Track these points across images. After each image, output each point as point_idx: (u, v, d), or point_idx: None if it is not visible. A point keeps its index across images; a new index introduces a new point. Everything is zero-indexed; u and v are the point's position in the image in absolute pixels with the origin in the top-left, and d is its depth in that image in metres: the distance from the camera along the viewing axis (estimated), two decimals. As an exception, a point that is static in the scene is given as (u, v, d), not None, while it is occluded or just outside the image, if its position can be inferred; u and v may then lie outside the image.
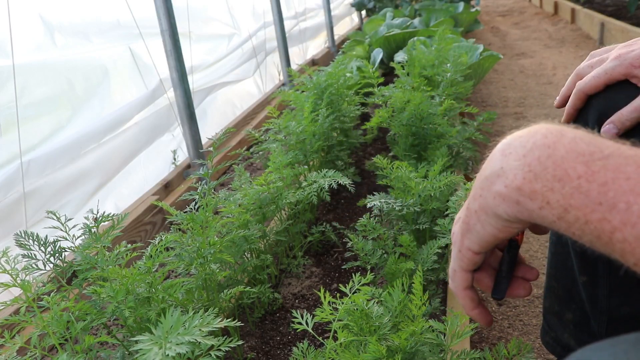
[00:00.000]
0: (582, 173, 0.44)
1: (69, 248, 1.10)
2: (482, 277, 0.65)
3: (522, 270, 0.66)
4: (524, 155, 0.49)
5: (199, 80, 2.68)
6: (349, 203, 2.16)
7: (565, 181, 0.45)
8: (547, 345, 0.96)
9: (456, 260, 0.61)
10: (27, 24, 1.73)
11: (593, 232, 0.43)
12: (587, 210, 0.43)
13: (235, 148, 2.61)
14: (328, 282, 1.67)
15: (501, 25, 6.50)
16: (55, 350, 1.09)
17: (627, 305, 0.78)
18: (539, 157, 0.47)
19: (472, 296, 0.63)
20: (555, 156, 0.46)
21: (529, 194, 0.47)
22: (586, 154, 0.45)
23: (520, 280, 0.65)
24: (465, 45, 3.02)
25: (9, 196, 1.58)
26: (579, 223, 0.44)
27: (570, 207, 0.44)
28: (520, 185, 0.48)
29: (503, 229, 0.53)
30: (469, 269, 0.61)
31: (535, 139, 0.49)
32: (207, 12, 2.95)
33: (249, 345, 1.42)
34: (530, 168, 0.48)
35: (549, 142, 0.48)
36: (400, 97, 1.93)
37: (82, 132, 1.87)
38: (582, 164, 0.45)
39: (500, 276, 0.64)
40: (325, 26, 4.89)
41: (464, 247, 0.59)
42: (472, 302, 0.63)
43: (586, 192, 0.43)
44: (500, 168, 0.50)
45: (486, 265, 0.66)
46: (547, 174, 0.46)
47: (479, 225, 0.55)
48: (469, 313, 0.65)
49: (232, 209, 1.40)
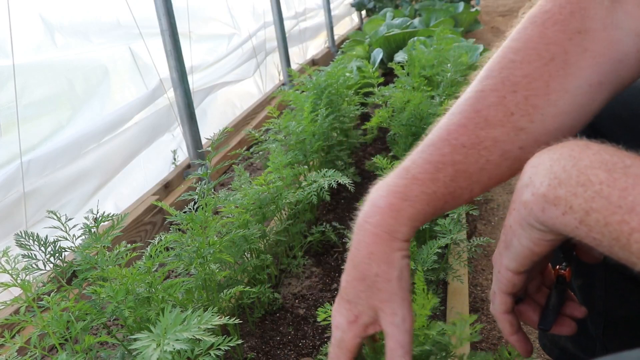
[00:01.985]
0: (604, 179, 0.46)
1: (69, 248, 1.10)
2: (526, 311, 0.65)
3: (569, 308, 0.65)
4: (551, 165, 0.51)
5: (199, 80, 2.68)
6: (349, 203, 2.16)
7: (588, 186, 0.47)
8: (545, 348, 0.96)
9: (496, 282, 0.62)
10: (27, 24, 1.74)
11: (612, 233, 0.45)
12: (608, 213, 0.45)
13: (235, 148, 2.61)
14: (328, 282, 1.67)
15: (501, 25, 6.50)
16: (55, 350, 1.09)
17: (623, 308, 0.78)
18: (564, 166, 0.49)
19: (511, 321, 0.63)
20: (580, 165, 0.48)
21: (553, 200, 0.49)
22: (609, 163, 0.47)
23: (566, 318, 0.64)
24: (465, 45, 3.02)
25: (9, 196, 1.58)
26: (599, 225, 0.46)
27: (591, 210, 0.46)
28: (545, 192, 0.50)
29: (537, 241, 0.53)
30: (509, 290, 0.61)
31: (562, 151, 0.51)
32: (207, 12, 2.95)
33: (249, 345, 1.42)
34: (555, 176, 0.49)
35: (575, 154, 0.50)
36: (400, 97, 1.93)
37: (82, 132, 1.87)
38: (604, 171, 0.47)
39: (548, 309, 0.63)
40: (325, 26, 4.89)
41: (502, 267, 0.59)
42: (511, 327, 0.63)
43: (607, 196, 0.45)
44: (529, 178, 0.52)
45: (531, 299, 0.66)
46: (571, 180, 0.48)
47: (515, 240, 0.56)
48: (507, 338, 0.64)
49: (232, 209, 1.40)
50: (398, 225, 0.62)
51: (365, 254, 0.64)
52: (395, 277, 0.63)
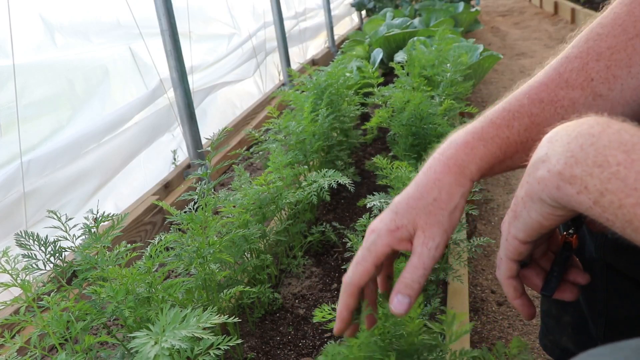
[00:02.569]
0: (621, 160, 0.46)
1: (69, 248, 1.10)
2: (530, 275, 0.66)
3: (573, 274, 0.66)
4: (568, 142, 0.50)
5: (199, 80, 2.68)
6: (349, 203, 2.16)
7: (605, 167, 0.46)
8: (546, 348, 0.96)
9: (503, 249, 0.63)
10: (27, 24, 1.74)
11: (625, 216, 0.45)
12: (622, 195, 0.45)
13: (235, 148, 2.61)
14: (328, 282, 1.67)
15: (501, 25, 6.50)
16: (55, 350, 1.09)
17: (625, 308, 0.78)
18: (582, 145, 0.49)
19: (515, 285, 0.65)
20: (598, 144, 0.48)
21: (569, 179, 0.49)
22: (628, 144, 0.47)
23: (569, 284, 0.65)
24: (465, 45, 3.02)
25: (9, 196, 1.58)
26: (613, 207, 0.46)
27: (606, 192, 0.46)
28: (561, 169, 0.50)
29: (547, 215, 0.54)
30: (514, 258, 0.62)
31: (581, 129, 0.50)
32: (207, 12, 2.96)
33: (249, 345, 1.42)
34: (572, 154, 0.49)
35: (594, 132, 0.49)
36: (400, 97, 1.93)
37: (82, 132, 1.87)
38: (622, 152, 0.46)
39: (552, 275, 0.64)
40: (325, 26, 4.89)
41: (510, 235, 0.60)
42: (515, 291, 0.65)
43: (623, 178, 0.45)
44: (545, 154, 0.52)
45: (536, 264, 0.66)
46: (588, 159, 0.48)
47: (524, 212, 0.56)
48: (511, 302, 0.66)
49: (232, 209, 1.40)
50: (469, 162, 0.67)
51: (432, 179, 0.68)
52: (450, 209, 0.67)
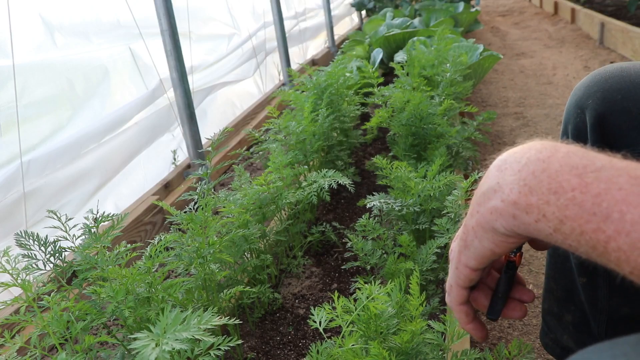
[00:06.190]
0: (576, 185, 0.45)
1: (69, 248, 1.10)
2: (478, 297, 0.66)
3: (519, 292, 0.66)
4: (519, 170, 0.49)
5: (199, 80, 2.68)
6: (349, 203, 2.16)
7: (560, 193, 0.45)
8: (547, 347, 0.96)
9: (453, 277, 0.62)
10: (27, 24, 1.74)
11: (588, 242, 0.44)
12: (582, 221, 0.44)
13: (235, 148, 2.61)
14: (328, 282, 1.67)
15: (501, 25, 6.50)
16: (55, 350, 1.09)
17: (626, 306, 0.78)
18: (534, 171, 0.48)
19: (467, 311, 0.65)
20: (550, 170, 0.47)
21: (525, 208, 0.48)
22: (579, 167, 0.46)
23: (516, 302, 0.66)
24: (465, 45, 3.02)
25: (9, 196, 1.58)
26: (574, 234, 0.45)
27: (565, 219, 0.45)
28: (516, 199, 0.49)
29: (500, 243, 0.53)
30: (465, 285, 0.62)
31: (529, 154, 0.50)
32: (207, 12, 2.95)
33: (249, 345, 1.42)
34: (525, 182, 0.48)
35: (543, 157, 0.48)
36: (400, 97, 1.93)
37: (82, 132, 1.87)
38: (575, 176, 0.45)
39: (497, 297, 0.65)
40: (325, 26, 4.89)
41: (460, 263, 0.59)
42: (466, 317, 0.65)
43: (580, 203, 0.44)
44: (497, 183, 0.51)
45: (483, 285, 0.67)
46: (542, 187, 0.47)
47: (476, 241, 0.55)
48: (464, 327, 0.66)
49: (232, 209, 1.40)
50: None
51: None
52: None
